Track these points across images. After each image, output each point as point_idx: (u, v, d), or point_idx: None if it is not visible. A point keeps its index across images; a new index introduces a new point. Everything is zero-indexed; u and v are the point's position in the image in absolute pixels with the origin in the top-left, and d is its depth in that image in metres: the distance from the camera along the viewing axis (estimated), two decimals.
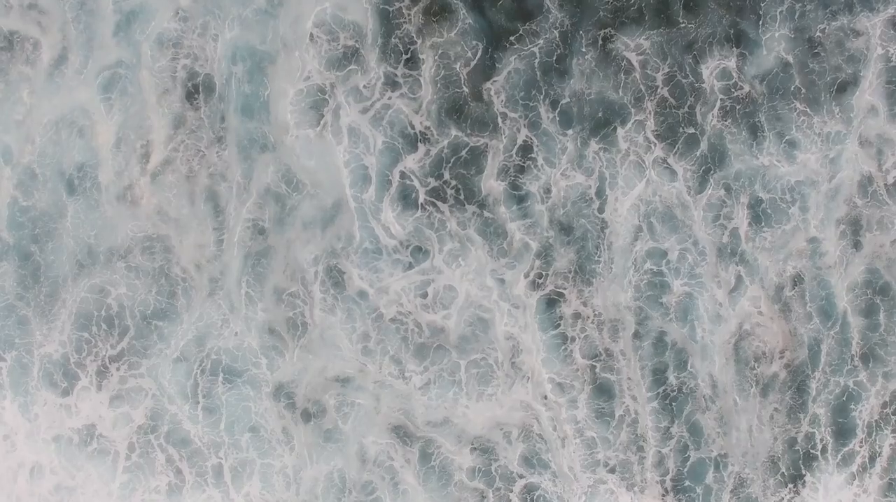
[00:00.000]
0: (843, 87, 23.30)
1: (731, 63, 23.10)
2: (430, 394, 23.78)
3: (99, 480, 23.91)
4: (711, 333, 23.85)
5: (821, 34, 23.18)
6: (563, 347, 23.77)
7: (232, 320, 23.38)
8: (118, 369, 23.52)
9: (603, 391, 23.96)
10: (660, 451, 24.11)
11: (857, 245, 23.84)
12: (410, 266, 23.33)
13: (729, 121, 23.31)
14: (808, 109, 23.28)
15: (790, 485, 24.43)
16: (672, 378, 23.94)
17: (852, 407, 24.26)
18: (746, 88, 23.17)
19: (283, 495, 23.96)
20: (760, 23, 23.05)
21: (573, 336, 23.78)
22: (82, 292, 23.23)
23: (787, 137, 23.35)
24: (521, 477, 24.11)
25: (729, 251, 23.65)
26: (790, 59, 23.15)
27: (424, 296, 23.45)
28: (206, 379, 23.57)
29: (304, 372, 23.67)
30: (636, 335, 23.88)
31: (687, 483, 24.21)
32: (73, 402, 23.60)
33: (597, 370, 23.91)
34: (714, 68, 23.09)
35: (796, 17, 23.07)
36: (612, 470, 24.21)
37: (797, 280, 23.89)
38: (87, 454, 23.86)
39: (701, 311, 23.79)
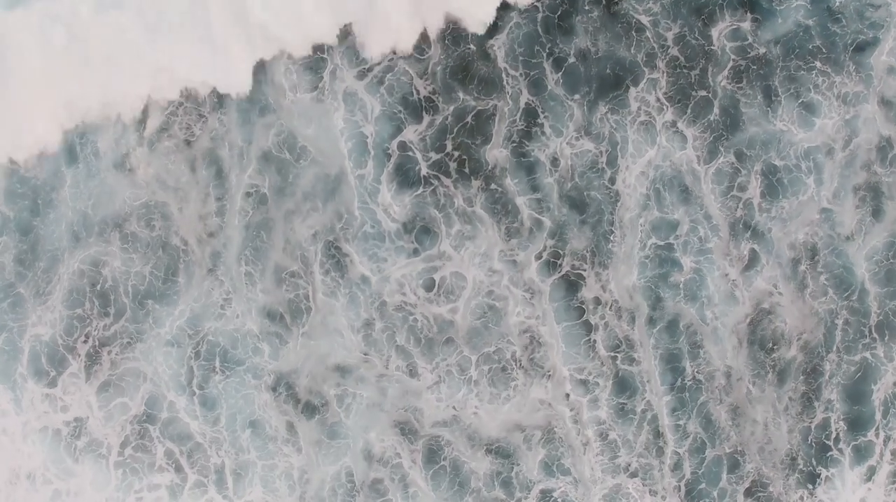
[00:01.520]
0: (862, 47, 22.84)
1: (746, 24, 22.67)
2: (440, 393, 23.05)
3: (92, 477, 23.21)
4: (725, 315, 23.09)
5: (840, 3, 22.83)
6: (585, 338, 23.00)
7: (234, 299, 22.79)
8: (109, 353, 22.96)
9: (625, 386, 23.14)
10: (677, 452, 23.30)
11: (876, 213, 23.12)
12: (416, 252, 22.69)
13: (743, 82, 22.75)
14: (827, 68, 22.77)
15: (809, 486, 23.58)
16: (688, 367, 23.16)
17: (870, 387, 23.41)
18: (761, 50, 22.65)
19: (288, 500, 23.24)
20: None
21: (595, 324, 23.02)
22: (77, 263, 22.75)
23: (802, 99, 22.75)
24: (538, 482, 23.34)
25: (742, 225, 22.94)
26: (810, 23, 22.72)
27: (431, 285, 22.77)
28: (201, 365, 22.88)
29: (307, 360, 22.96)
30: (650, 321, 23.11)
31: (703, 485, 23.43)
32: (59, 394, 22.90)
33: (618, 361, 23.13)
34: (724, 29, 22.62)
35: None
36: (634, 474, 23.39)
37: (813, 251, 23.12)
38: (79, 449, 23.15)
39: (711, 291, 23.05)
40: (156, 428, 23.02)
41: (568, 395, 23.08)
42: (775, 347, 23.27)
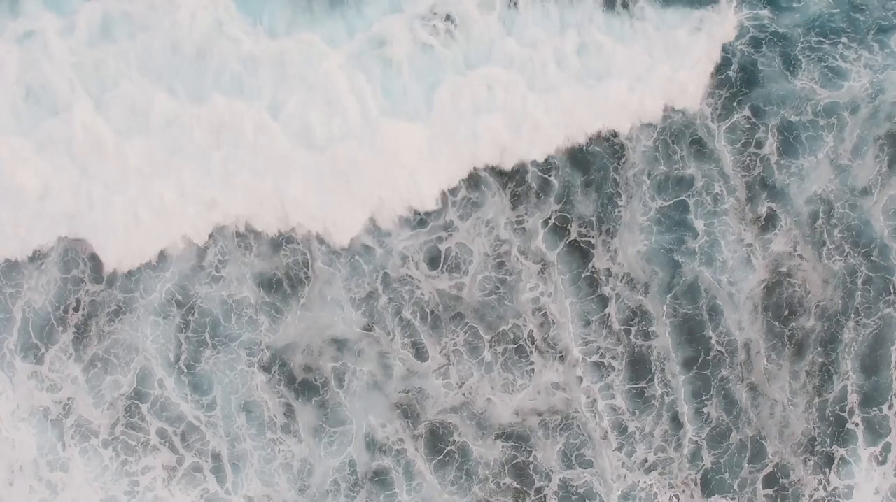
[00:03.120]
0: (886, 30, 22.95)
1: (765, 12, 22.83)
2: (448, 378, 21.93)
3: (85, 460, 21.63)
4: (741, 281, 22.40)
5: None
6: (598, 313, 22.16)
7: (229, 262, 21.92)
8: (97, 323, 21.94)
9: (641, 365, 22.32)
10: (695, 440, 22.45)
11: (892, 164, 22.83)
12: (422, 223, 21.73)
13: (762, 48, 22.66)
14: (853, 45, 22.79)
15: (826, 470, 23.04)
16: (710, 341, 22.43)
17: (888, 348, 23.01)
18: (782, 30, 22.70)
19: (288, 494, 21.84)
20: None
21: (608, 296, 22.14)
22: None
23: (827, 64, 22.68)
24: (557, 471, 22.33)
25: (759, 184, 22.37)
26: (833, 11, 22.95)
27: (435, 259, 21.78)
28: (189, 337, 21.50)
29: (305, 334, 21.58)
30: (666, 288, 22.29)
31: (723, 474, 22.67)
32: (46, 373, 21.56)
33: (632, 335, 22.25)
34: (741, 15, 22.80)
35: None
36: (653, 467, 22.54)
37: (828, 205, 22.69)
38: (67, 428, 21.57)
39: (726, 256, 22.27)
40: (146, 406, 22.04)
41: (581, 379, 22.11)
42: (792, 316, 22.67)
